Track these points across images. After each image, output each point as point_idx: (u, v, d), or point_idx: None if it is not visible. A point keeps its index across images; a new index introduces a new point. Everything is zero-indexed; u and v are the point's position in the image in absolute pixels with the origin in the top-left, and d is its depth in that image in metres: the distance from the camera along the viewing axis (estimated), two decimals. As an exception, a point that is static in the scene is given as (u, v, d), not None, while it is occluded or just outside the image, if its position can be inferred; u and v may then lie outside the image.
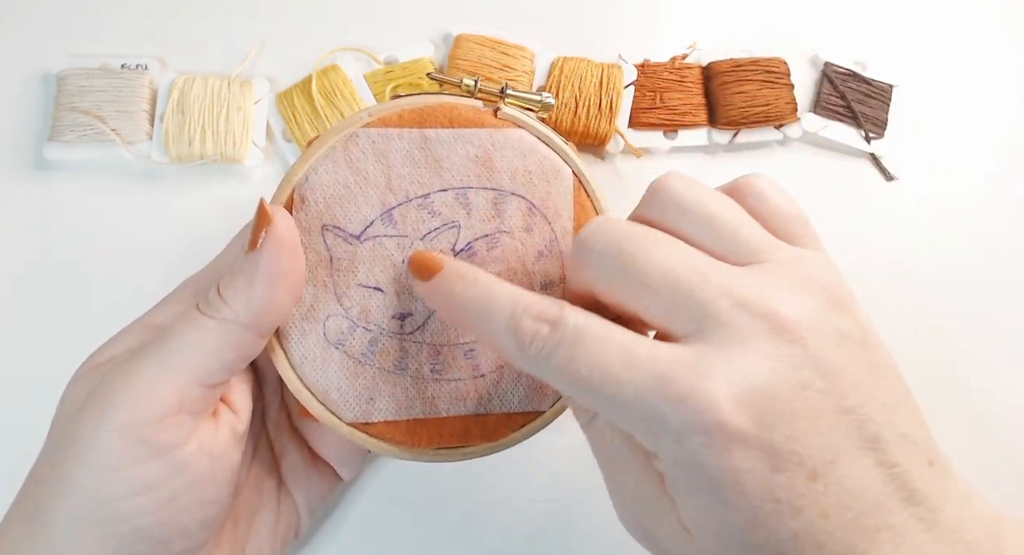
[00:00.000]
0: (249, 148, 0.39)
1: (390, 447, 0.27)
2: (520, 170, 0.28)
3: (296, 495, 0.31)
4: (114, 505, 0.23)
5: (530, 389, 0.28)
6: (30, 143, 0.40)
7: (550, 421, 0.29)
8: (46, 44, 0.41)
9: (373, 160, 0.27)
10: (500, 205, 0.28)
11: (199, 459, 0.24)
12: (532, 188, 0.28)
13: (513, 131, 0.28)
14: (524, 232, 0.28)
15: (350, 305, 0.27)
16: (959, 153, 0.42)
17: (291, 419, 0.32)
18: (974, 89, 0.43)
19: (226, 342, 0.24)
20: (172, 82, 0.39)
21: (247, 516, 0.29)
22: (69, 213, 0.39)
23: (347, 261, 0.27)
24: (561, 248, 0.28)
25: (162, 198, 0.39)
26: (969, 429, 0.36)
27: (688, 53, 0.42)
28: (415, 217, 0.27)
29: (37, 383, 0.32)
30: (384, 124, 0.28)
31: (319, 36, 0.41)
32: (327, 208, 0.27)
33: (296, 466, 0.31)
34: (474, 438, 0.28)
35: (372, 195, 0.27)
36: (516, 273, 0.28)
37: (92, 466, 0.23)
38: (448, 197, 0.28)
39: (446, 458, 0.28)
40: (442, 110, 0.28)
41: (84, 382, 0.25)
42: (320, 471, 0.32)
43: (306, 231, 0.27)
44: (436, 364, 0.28)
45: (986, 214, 0.41)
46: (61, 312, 0.37)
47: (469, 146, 0.28)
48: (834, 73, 0.42)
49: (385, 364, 0.27)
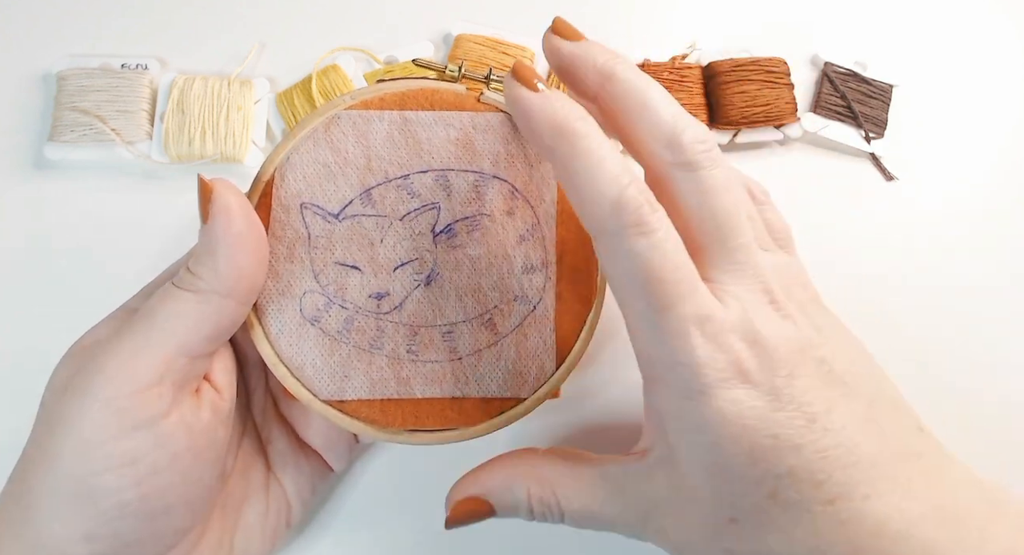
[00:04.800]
0: (249, 148, 0.39)
1: (364, 426, 0.27)
2: (502, 154, 0.28)
3: (286, 483, 0.31)
4: (96, 479, 0.23)
5: (509, 374, 0.28)
6: (30, 143, 0.40)
7: (531, 409, 0.28)
8: (46, 44, 0.41)
9: (353, 140, 0.28)
10: (481, 188, 0.28)
11: (180, 432, 0.24)
12: (514, 172, 0.28)
13: (495, 115, 0.28)
14: (506, 215, 0.28)
15: (327, 282, 0.27)
16: (959, 153, 0.42)
17: (277, 406, 0.32)
18: (974, 89, 0.43)
19: (204, 311, 0.24)
20: (172, 82, 0.39)
21: (235, 504, 0.29)
22: (69, 213, 0.39)
23: (325, 239, 0.27)
24: (544, 233, 0.28)
25: (162, 198, 0.39)
26: (968, 428, 0.36)
27: (688, 53, 0.42)
28: (394, 197, 0.28)
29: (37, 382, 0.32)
30: (366, 107, 0.28)
31: (319, 36, 0.41)
32: (307, 186, 0.27)
33: (284, 453, 0.31)
34: (450, 421, 0.28)
35: (351, 175, 0.28)
36: (497, 257, 0.28)
37: (74, 440, 0.23)
38: (428, 179, 0.28)
39: (421, 441, 0.28)
40: (423, 93, 0.28)
41: (69, 363, 0.26)
42: (309, 459, 0.32)
43: (285, 209, 0.27)
44: (412, 345, 0.28)
45: (986, 214, 0.41)
46: (61, 311, 0.37)
47: (450, 129, 0.28)
48: (834, 73, 0.42)
49: (360, 342, 0.27)
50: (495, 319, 0.28)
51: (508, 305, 0.28)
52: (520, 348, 0.28)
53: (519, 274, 0.28)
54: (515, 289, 0.28)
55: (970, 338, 0.39)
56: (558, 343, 0.28)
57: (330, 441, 0.32)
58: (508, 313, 0.28)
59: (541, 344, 0.28)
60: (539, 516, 0.27)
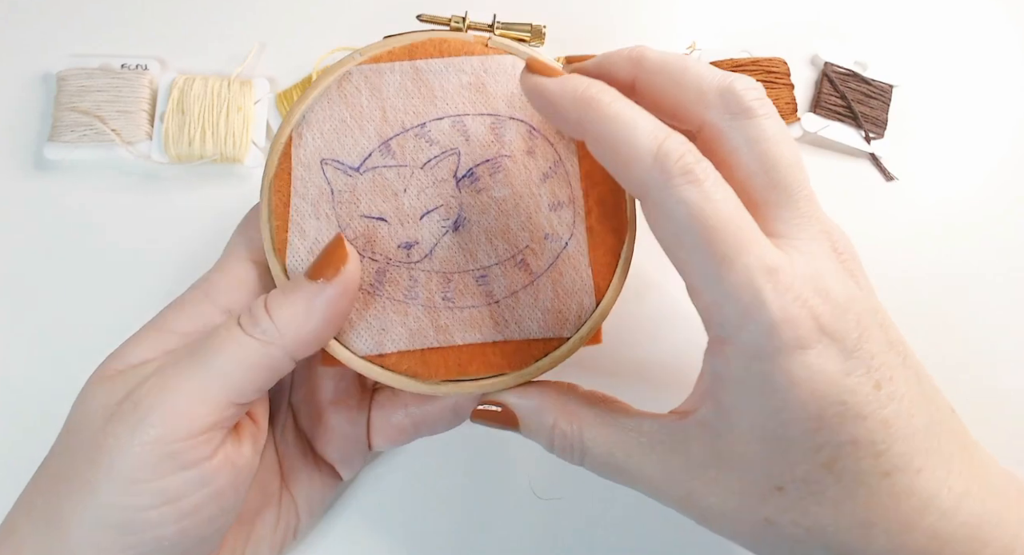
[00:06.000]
0: (249, 148, 0.39)
1: (406, 380, 0.27)
2: (516, 94, 0.28)
3: (297, 496, 0.31)
4: (138, 514, 0.23)
5: (549, 313, 0.27)
6: (30, 143, 0.40)
7: (575, 349, 0.27)
8: (46, 44, 0.41)
9: (367, 94, 0.28)
10: (499, 130, 0.28)
11: (224, 471, 0.24)
12: (530, 111, 0.28)
13: (505, 57, 0.28)
14: (526, 155, 0.28)
15: (354, 236, 0.27)
16: (959, 153, 0.42)
17: (296, 421, 0.32)
18: (974, 89, 0.43)
19: (266, 364, 0.24)
20: (172, 82, 0.39)
21: (250, 516, 0.29)
22: (69, 213, 0.39)
23: (348, 193, 0.27)
24: (567, 168, 0.28)
25: (162, 198, 0.39)
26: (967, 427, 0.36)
27: (688, 53, 0.42)
28: (413, 146, 0.28)
29: (37, 382, 0.32)
30: (376, 61, 0.28)
31: (319, 36, 0.41)
32: (325, 143, 0.27)
33: (298, 467, 0.31)
34: (494, 367, 0.27)
35: (368, 127, 0.28)
36: (522, 196, 0.28)
37: (118, 475, 0.23)
38: (445, 125, 0.28)
39: (466, 390, 0.27)
40: (432, 43, 0.28)
41: (105, 389, 0.25)
42: (321, 471, 0.32)
43: (306, 166, 0.27)
44: (447, 292, 0.27)
45: (986, 214, 0.41)
46: (61, 312, 0.37)
47: (461, 74, 0.28)
48: (834, 73, 0.42)
49: (394, 294, 0.27)
50: (527, 259, 0.27)
51: (539, 244, 0.27)
52: (557, 286, 0.27)
53: (546, 212, 0.28)
54: (544, 227, 0.28)
55: (970, 337, 0.39)
56: (595, 278, 0.27)
57: (346, 453, 0.32)
58: (540, 252, 0.27)
59: (578, 280, 0.27)
60: (560, 450, 0.26)
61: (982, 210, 0.41)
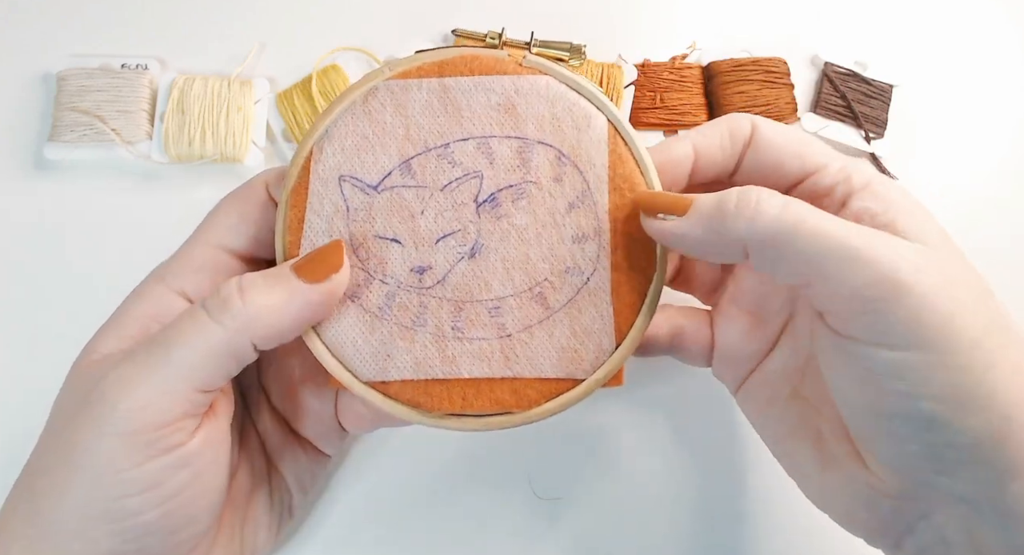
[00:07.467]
0: (249, 148, 0.39)
1: (407, 410, 0.26)
2: (547, 117, 0.27)
3: (286, 473, 0.31)
4: (118, 503, 0.23)
5: (564, 352, 0.26)
6: (30, 143, 0.40)
7: (588, 393, 0.26)
8: (46, 44, 0.41)
9: (392, 110, 0.27)
10: (525, 154, 0.27)
11: (202, 452, 0.24)
12: (561, 136, 0.27)
13: (539, 78, 0.27)
14: (553, 182, 0.27)
15: (366, 256, 0.26)
16: (959, 153, 0.42)
17: (270, 399, 0.32)
18: (974, 89, 0.43)
19: (230, 352, 0.24)
20: (172, 82, 0.39)
21: (243, 497, 0.29)
22: (69, 213, 0.39)
23: (364, 211, 0.26)
24: (595, 199, 0.27)
25: (162, 198, 0.39)
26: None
27: (688, 53, 0.42)
28: (435, 167, 0.27)
29: (36, 382, 0.32)
30: (404, 76, 0.27)
31: (319, 36, 0.41)
32: (345, 159, 0.27)
33: (280, 445, 0.31)
34: (500, 404, 0.26)
35: (390, 145, 0.27)
36: (545, 226, 0.26)
37: (91, 469, 0.23)
38: (469, 146, 0.27)
39: (468, 427, 0.26)
40: (462, 60, 0.27)
41: (75, 383, 0.25)
42: (304, 448, 0.32)
43: (323, 182, 0.27)
44: (458, 321, 0.26)
45: (986, 214, 0.41)
46: (61, 311, 0.37)
47: (491, 94, 0.27)
48: (834, 73, 0.42)
49: (403, 319, 0.26)
50: (545, 293, 0.26)
51: (559, 277, 0.26)
52: (575, 324, 0.26)
53: (569, 244, 0.26)
54: (566, 260, 0.26)
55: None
56: (616, 318, 0.26)
57: (321, 432, 0.32)
58: (559, 286, 0.26)
59: (598, 319, 0.26)
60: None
61: (982, 210, 0.41)
